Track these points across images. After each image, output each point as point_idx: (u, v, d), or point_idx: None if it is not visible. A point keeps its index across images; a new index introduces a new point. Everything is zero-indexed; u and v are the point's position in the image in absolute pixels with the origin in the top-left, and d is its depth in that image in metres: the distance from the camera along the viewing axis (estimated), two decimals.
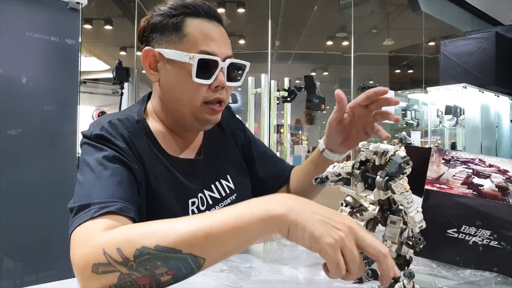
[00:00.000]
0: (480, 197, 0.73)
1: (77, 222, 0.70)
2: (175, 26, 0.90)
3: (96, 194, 0.73)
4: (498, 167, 0.81)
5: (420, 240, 0.65)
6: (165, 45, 0.91)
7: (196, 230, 0.61)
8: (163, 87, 0.94)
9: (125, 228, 0.65)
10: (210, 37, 0.90)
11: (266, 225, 0.60)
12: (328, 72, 12.38)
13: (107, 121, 0.87)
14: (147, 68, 0.94)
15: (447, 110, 5.55)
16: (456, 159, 0.83)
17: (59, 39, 2.21)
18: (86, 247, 0.64)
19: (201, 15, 0.91)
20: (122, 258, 0.61)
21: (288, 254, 0.85)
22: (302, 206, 0.60)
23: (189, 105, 0.91)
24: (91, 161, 0.80)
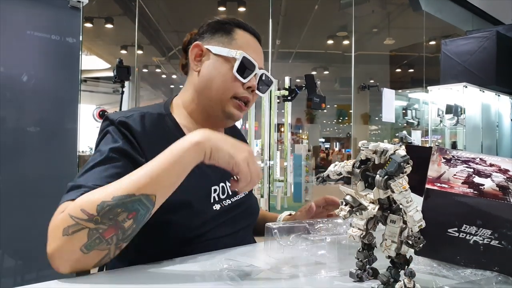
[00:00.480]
0: (481, 197, 0.73)
1: (61, 200, 0.78)
2: (226, 31, 1.06)
3: (90, 179, 0.81)
4: (499, 167, 0.81)
5: (419, 239, 0.65)
6: (213, 43, 1.06)
7: (142, 174, 0.76)
8: (202, 76, 1.05)
9: (85, 194, 0.76)
10: (253, 48, 1.07)
11: (193, 151, 0.79)
12: (329, 71, 12.38)
13: (138, 112, 0.96)
14: (192, 58, 1.07)
15: (448, 109, 5.54)
16: (456, 159, 0.83)
17: (60, 38, 2.21)
18: (56, 219, 0.74)
19: (249, 31, 1.09)
20: (87, 215, 0.72)
21: (288, 253, 0.85)
22: (215, 136, 0.82)
23: (221, 95, 1.03)
24: (103, 148, 0.88)
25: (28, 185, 1.99)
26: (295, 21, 8.93)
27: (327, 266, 0.80)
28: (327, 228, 0.92)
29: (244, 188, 0.84)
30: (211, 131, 0.83)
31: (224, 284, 0.71)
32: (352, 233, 0.73)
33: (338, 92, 13.58)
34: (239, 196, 1.09)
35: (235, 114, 1.05)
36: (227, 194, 1.05)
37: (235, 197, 1.07)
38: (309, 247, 0.83)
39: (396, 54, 10.67)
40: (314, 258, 0.82)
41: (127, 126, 0.91)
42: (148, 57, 11.01)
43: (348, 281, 0.74)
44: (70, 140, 2.21)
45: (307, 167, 7.39)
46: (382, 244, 0.69)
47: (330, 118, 19.91)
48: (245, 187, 0.83)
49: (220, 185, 1.04)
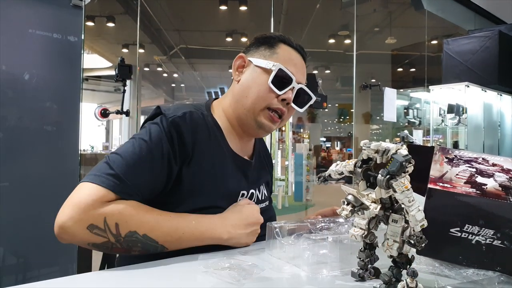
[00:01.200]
0: (484, 196, 0.73)
1: (94, 179, 0.85)
2: (270, 44, 1.11)
3: (131, 175, 0.87)
4: (502, 166, 0.81)
5: (421, 239, 0.65)
6: (256, 56, 1.11)
7: (174, 231, 0.88)
8: (240, 85, 1.10)
9: (126, 208, 0.84)
10: (294, 62, 1.09)
11: (213, 242, 0.92)
12: (330, 70, 12.37)
13: (188, 110, 1.00)
14: (234, 68, 1.13)
15: (450, 109, 5.53)
16: (459, 158, 0.83)
17: (61, 36, 2.21)
18: (90, 207, 0.81)
19: (293, 46, 1.12)
20: (116, 232, 0.83)
21: (290, 252, 0.85)
22: (238, 232, 0.95)
23: (255, 104, 1.06)
24: (150, 141, 0.92)
25: (29, 184, 1.99)
26: (297, 20, 8.92)
27: (329, 266, 0.80)
28: (328, 228, 0.92)
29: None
30: (238, 225, 0.96)
31: (225, 283, 0.71)
32: (354, 232, 0.73)
33: (339, 91, 13.57)
34: (262, 205, 1.15)
35: (266, 125, 1.08)
36: (256, 200, 1.12)
37: (260, 205, 1.12)
38: (311, 246, 0.83)
39: (398, 53, 10.65)
40: (316, 258, 0.82)
41: (179, 128, 0.95)
42: (150, 56, 11.01)
43: (350, 281, 0.74)
44: (71, 139, 2.21)
45: (308, 166, 7.38)
46: (384, 243, 0.69)
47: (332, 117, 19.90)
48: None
49: (250, 191, 1.11)
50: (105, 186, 0.84)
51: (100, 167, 0.88)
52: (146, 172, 0.90)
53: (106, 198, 0.84)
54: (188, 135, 0.96)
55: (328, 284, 0.73)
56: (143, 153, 0.90)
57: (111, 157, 0.89)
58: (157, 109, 1.01)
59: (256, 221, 0.99)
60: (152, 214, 0.88)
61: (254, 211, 1.01)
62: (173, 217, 0.89)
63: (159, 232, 0.86)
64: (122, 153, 0.90)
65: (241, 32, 9.33)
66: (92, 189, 0.83)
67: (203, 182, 0.98)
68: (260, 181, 1.19)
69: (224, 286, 0.70)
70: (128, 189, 0.86)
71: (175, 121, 0.95)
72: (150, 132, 0.94)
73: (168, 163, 0.93)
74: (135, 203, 0.87)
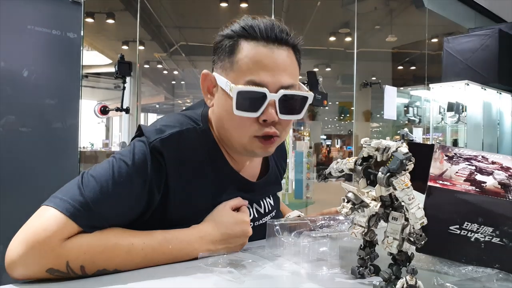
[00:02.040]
0: (483, 194, 0.73)
1: (59, 204, 0.73)
2: (229, 50, 0.84)
3: (97, 198, 0.75)
4: (501, 164, 0.81)
5: (421, 237, 0.65)
6: (219, 70, 0.87)
7: (148, 260, 0.77)
8: (215, 114, 0.91)
9: (92, 246, 0.73)
10: (262, 64, 0.82)
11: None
12: (331, 68, 12.35)
13: (177, 131, 0.85)
14: (204, 91, 0.91)
15: (449, 107, 5.53)
16: (459, 156, 0.83)
17: (61, 33, 2.20)
18: (47, 249, 0.69)
19: (257, 37, 0.83)
20: (82, 273, 0.72)
21: (290, 250, 0.85)
22: (219, 247, 0.84)
23: (237, 137, 0.88)
24: (128, 162, 0.80)
25: (28, 181, 1.99)
26: (297, 18, 8.90)
27: (329, 263, 0.80)
28: (328, 225, 0.92)
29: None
30: (217, 242, 0.85)
31: (226, 281, 0.71)
32: (354, 230, 0.73)
33: (340, 89, 13.55)
34: (264, 220, 1.03)
35: (261, 153, 0.90)
36: (253, 217, 0.99)
37: (260, 220, 1.02)
38: (310, 244, 0.83)
39: (398, 51, 10.63)
40: (315, 255, 0.82)
41: (160, 154, 0.82)
42: (150, 53, 10.99)
43: (349, 278, 0.74)
44: (71, 136, 2.21)
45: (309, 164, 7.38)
46: (383, 241, 0.69)
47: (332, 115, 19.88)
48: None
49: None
50: (69, 215, 0.71)
51: (69, 189, 0.76)
52: (121, 201, 0.78)
53: (68, 231, 0.71)
54: (173, 161, 0.83)
55: (328, 282, 0.73)
56: (122, 179, 0.78)
57: (85, 179, 0.77)
58: (138, 130, 0.87)
59: (241, 234, 0.87)
60: (123, 245, 0.75)
61: (241, 221, 0.87)
62: (146, 243, 0.78)
63: (132, 264, 0.76)
64: (97, 175, 0.77)
65: None
66: (53, 219, 0.71)
67: (191, 214, 0.87)
68: (264, 195, 1.05)
69: (224, 283, 0.70)
70: (96, 221, 0.75)
71: (156, 146, 0.82)
72: (133, 153, 0.81)
73: (149, 191, 0.81)
74: (104, 232, 0.76)
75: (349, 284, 0.72)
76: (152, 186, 0.81)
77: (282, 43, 0.85)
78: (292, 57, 0.88)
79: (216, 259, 0.79)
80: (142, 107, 14.90)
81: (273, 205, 1.09)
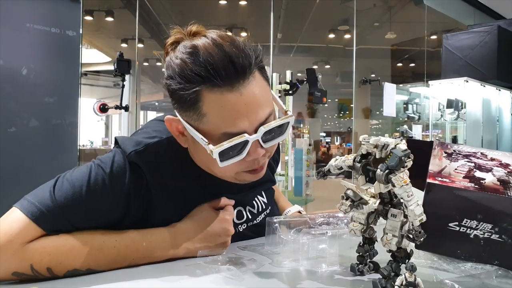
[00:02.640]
0: (482, 191, 0.73)
1: (27, 206, 0.72)
2: (192, 102, 0.73)
3: (68, 204, 0.73)
4: (500, 161, 0.81)
5: (420, 233, 0.65)
6: (186, 119, 0.77)
7: (121, 259, 0.75)
8: (195, 154, 0.85)
9: (57, 247, 0.71)
10: (234, 113, 0.73)
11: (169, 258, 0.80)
12: (330, 65, 12.34)
13: (154, 140, 0.83)
14: (175, 134, 0.82)
15: (449, 104, 5.54)
16: (458, 153, 0.83)
17: (60, 31, 2.20)
18: (9, 252, 0.67)
19: (219, 83, 0.71)
20: (50, 274, 0.70)
21: (290, 247, 0.85)
22: (197, 246, 0.82)
23: (224, 176, 0.83)
24: (106, 169, 0.77)
25: (27, 178, 1.99)
26: (297, 15, 8.89)
27: (328, 260, 0.80)
28: (328, 222, 0.92)
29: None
30: (196, 241, 0.82)
31: (225, 278, 0.71)
32: (353, 227, 0.73)
33: (339, 86, 13.55)
34: (258, 219, 1.00)
35: (253, 179, 0.85)
36: (246, 218, 0.97)
37: (255, 220, 0.99)
38: (310, 241, 0.83)
39: (398, 49, 10.63)
40: (315, 252, 0.82)
41: (138, 166, 0.79)
42: (149, 51, 10.97)
43: (349, 275, 0.74)
44: (70, 134, 2.21)
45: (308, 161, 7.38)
46: (383, 238, 0.69)
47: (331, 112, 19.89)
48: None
49: (236, 209, 0.95)
50: (33, 219, 0.70)
51: (41, 192, 0.74)
52: (92, 209, 0.75)
53: (32, 234, 0.70)
54: (153, 172, 0.80)
55: (327, 279, 0.73)
56: (97, 187, 0.75)
57: (59, 182, 0.75)
58: (116, 146, 0.84)
59: (221, 232, 0.83)
60: (93, 243, 0.73)
61: (222, 219, 0.84)
62: (119, 240, 0.76)
63: (104, 263, 0.74)
64: (72, 180, 0.75)
65: (241, 26, 9.29)
66: (17, 221, 0.70)
67: (176, 220, 0.84)
68: (254, 194, 1.01)
69: (224, 280, 0.71)
70: (61, 226, 0.73)
71: (132, 159, 0.79)
72: (113, 161, 0.79)
73: (126, 202, 0.78)
74: (70, 235, 0.73)
75: (349, 281, 0.72)
76: (129, 198, 0.78)
77: (246, 76, 0.74)
78: (260, 80, 0.77)
79: (215, 256, 0.79)
80: (141, 105, 14.88)
81: (267, 203, 1.05)
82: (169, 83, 0.76)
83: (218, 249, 0.84)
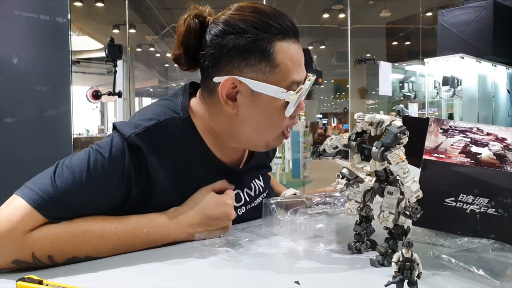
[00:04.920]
0: (478, 166, 0.73)
1: (28, 194, 0.70)
2: (264, 53, 0.79)
3: (69, 189, 0.72)
4: (496, 135, 0.81)
5: (417, 210, 0.65)
6: (251, 75, 0.80)
7: (121, 245, 0.75)
8: (242, 119, 0.84)
9: (58, 235, 0.71)
10: (299, 63, 0.83)
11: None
12: (325, 46, 12.24)
13: (152, 123, 0.81)
14: (223, 97, 0.82)
15: (444, 81, 5.53)
16: (454, 129, 0.83)
17: (49, 18, 2.17)
18: (10, 240, 0.67)
19: (289, 34, 0.81)
20: (50, 262, 0.70)
21: (287, 228, 0.86)
22: (198, 230, 0.82)
23: (270, 136, 0.87)
24: (105, 154, 0.76)
25: (22, 169, 1.98)
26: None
27: (325, 240, 0.80)
28: (324, 202, 0.92)
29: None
30: (196, 225, 0.82)
31: (223, 260, 0.72)
32: (349, 206, 0.73)
33: (334, 66, 13.47)
34: (256, 202, 1.01)
35: (278, 144, 0.91)
36: (244, 201, 0.97)
37: (252, 203, 1.00)
38: (307, 221, 0.83)
39: (393, 27, 10.54)
40: (312, 232, 0.82)
41: (138, 148, 0.79)
42: (141, 36, 10.85)
43: (346, 254, 0.75)
44: (64, 122, 2.19)
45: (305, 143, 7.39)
46: (379, 215, 0.69)
47: (327, 93, 19.82)
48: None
49: (235, 192, 0.93)
50: (34, 206, 0.69)
51: (41, 179, 0.73)
52: (93, 195, 0.75)
53: (33, 222, 0.69)
54: (153, 154, 0.79)
55: (325, 258, 0.73)
56: (96, 172, 0.75)
57: (59, 169, 0.74)
58: (114, 130, 0.82)
59: (222, 216, 0.84)
60: (94, 230, 0.73)
61: (223, 203, 0.84)
62: (119, 227, 0.75)
63: (104, 250, 0.74)
64: (72, 166, 0.74)
65: None
66: (18, 209, 0.69)
67: (177, 204, 0.84)
68: (251, 177, 1.02)
69: (222, 263, 0.71)
70: (62, 213, 0.72)
71: (132, 141, 0.78)
72: (111, 145, 0.78)
73: (127, 186, 0.78)
74: (72, 222, 0.73)
75: (346, 260, 0.72)
76: (129, 181, 0.78)
77: (297, 36, 0.85)
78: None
79: (213, 240, 0.79)
80: (136, 91, 14.79)
81: (264, 186, 1.06)
82: (234, 39, 0.79)
83: (218, 233, 0.84)
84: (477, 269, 0.62)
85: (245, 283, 0.64)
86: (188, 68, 0.90)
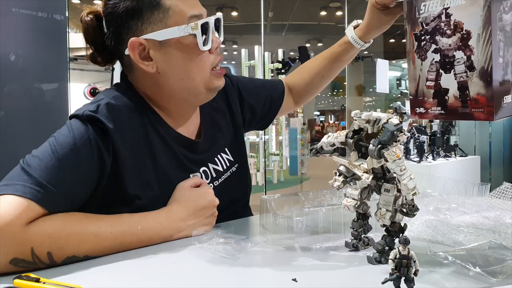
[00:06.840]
0: None
1: (8, 189, 0.69)
2: (152, 3, 0.84)
3: (47, 173, 0.72)
4: (462, 25, 0.73)
5: (413, 207, 0.65)
6: (150, 28, 0.84)
7: (118, 244, 0.76)
8: (165, 73, 0.88)
9: (57, 229, 0.70)
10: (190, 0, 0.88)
11: (164, 241, 0.82)
12: (323, 43, 12.23)
13: (105, 102, 0.83)
14: (138, 60, 0.86)
15: None
16: (425, 33, 0.78)
17: (47, 15, 2.16)
18: (8, 235, 0.65)
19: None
20: (49, 261, 0.68)
21: (284, 225, 0.86)
22: (189, 223, 0.85)
23: (201, 77, 0.89)
24: (67, 134, 0.78)
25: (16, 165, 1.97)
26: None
27: (323, 237, 0.80)
28: (321, 199, 0.92)
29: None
30: (186, 218, 0.85)
31: (220, 258, 0.72)
32: (346, 203, 0.73)
33: None
34: (226, 175, 1.03)
35: (220, 84, 0.93)
36: (211, 177, 0.99)
37: (223, 176, 1.02)
38: (304, 218, 0.83)
39: None
40: (309, 229, 0.82)
41: (98, 120, 0.80)
42: None
43: (343, 251, 0.75)
44: (60, 119, 2.18)
45: (303, 141, 7.40)
46: (376, 213, 0.69)
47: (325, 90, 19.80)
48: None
49: (201, 169, 0.97)
50: (25, 196, 0.68)
51: (14, 175, 0.72)
52: (72, 172, 0.75)
53: (28, 214, 0.67)
54: (112, 126, 0.81)
55: (322, 255, 0.74)
56: (66, 150, 0.75)
57: (26, 161, 0.74)
58: (70, 117, 0.83)
59: (208, 205, 0.88)
60: (90, 228, 0.73)
61: (204, 193, 0.89)
62: (114, 226, 0.76)
63: (101, 248, 0.74)
64: (39, 154, 0.75)
65: (231, 6, 9.15)
66: (9, 204, 0.67)
67: (141, 178, 0.86)
68: (214, 151, 1.03)
69: (219, 260, 0.71)
70: (54, 196, 0.71)
71: (89, 116, 0.80)
72: (70, 126, 0.79)
73: (99, 156, 0.79)
74: (67, 217, 0.73)
75: (343, 257, 0.72)
76: (100, 150, 0.79)
77: None
78: None
79: (210, 236, 0.79)
80: None
81: (233, 160, 1.06)
82: (121, 6, 0.84)
83: (209, 221, 0.88)
84: (474, 267, 0.62)
85: (242, 280, 0.65)
86: (106, 62, 0.95)
